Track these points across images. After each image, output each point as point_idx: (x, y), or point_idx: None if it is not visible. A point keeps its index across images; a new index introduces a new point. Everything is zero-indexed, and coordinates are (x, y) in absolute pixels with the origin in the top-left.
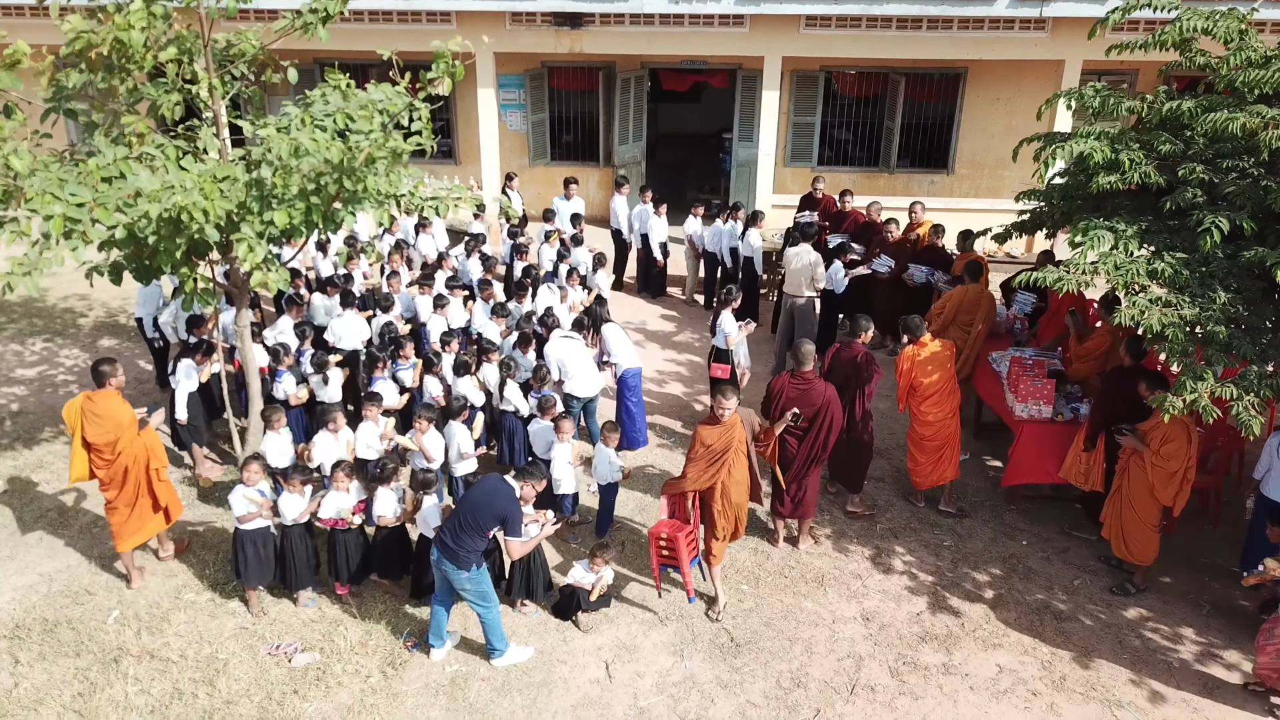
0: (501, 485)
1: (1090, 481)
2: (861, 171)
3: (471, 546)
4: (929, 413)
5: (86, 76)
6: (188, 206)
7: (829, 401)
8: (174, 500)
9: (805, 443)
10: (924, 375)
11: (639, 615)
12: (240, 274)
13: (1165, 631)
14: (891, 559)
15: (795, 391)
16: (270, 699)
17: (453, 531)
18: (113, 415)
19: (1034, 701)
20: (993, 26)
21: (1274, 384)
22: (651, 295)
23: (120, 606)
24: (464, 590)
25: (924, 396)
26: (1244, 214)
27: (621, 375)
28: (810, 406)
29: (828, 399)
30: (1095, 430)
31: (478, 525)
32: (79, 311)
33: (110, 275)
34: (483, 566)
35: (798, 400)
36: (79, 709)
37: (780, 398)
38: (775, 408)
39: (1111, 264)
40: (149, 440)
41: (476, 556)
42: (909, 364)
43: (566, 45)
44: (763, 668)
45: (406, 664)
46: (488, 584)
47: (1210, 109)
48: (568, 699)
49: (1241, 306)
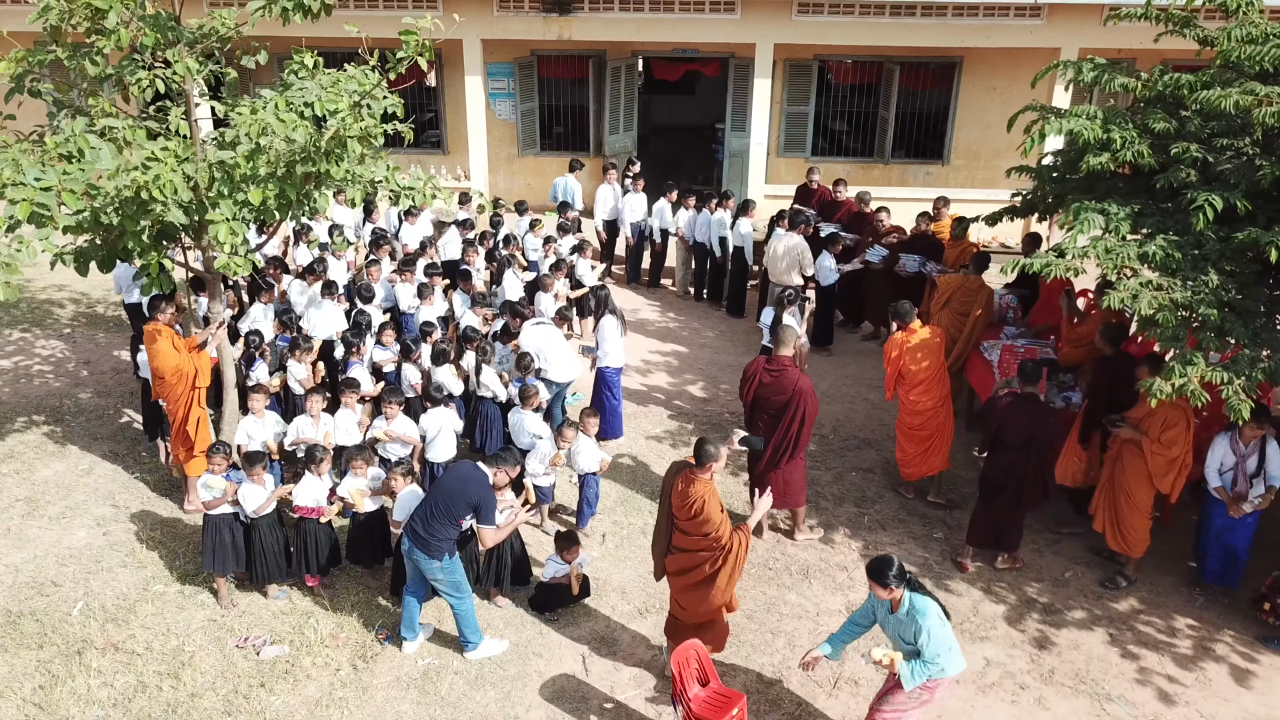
0: (474, 472)
1: (1090, 477)
2: (856, 162)
3: (443, 535)
4: (918, 401)
5: (54, 54)
6: (147, 183)
7: (800, 391)
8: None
9: (776, 433)
10: (913, 363)
11: (618, 608)
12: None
13: (1156, 624)
14: (879, 551)
15: (768, 377)
16: (236, 692)
17: (424, 520)
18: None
19: (1021, 695)
20: (987, 13)
21: (1266, 368)
22: (645, 286)
23: (86, 598)
24: (436, 581)
25: (913, 384)
26: (1237, 193)
27: (602, 370)
28: (781, 395)
29: (799, 388)
30: (1090, 426)
31: (450, 513)
32: (57, 302)
33: (76, 263)
34: (455, 556)
35: (770, 386)
36: (39, 701)
37: (753, 381)
38: (748, 391)
39: (1102, 248)
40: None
41: (449, 545)
42: (897, 351)
43: (555, 32)
44: (744, 661)
45: (378, 657)
46: (460, 574)
47: (1205, 85)
48: (542, 693)
49: (1234, 289)
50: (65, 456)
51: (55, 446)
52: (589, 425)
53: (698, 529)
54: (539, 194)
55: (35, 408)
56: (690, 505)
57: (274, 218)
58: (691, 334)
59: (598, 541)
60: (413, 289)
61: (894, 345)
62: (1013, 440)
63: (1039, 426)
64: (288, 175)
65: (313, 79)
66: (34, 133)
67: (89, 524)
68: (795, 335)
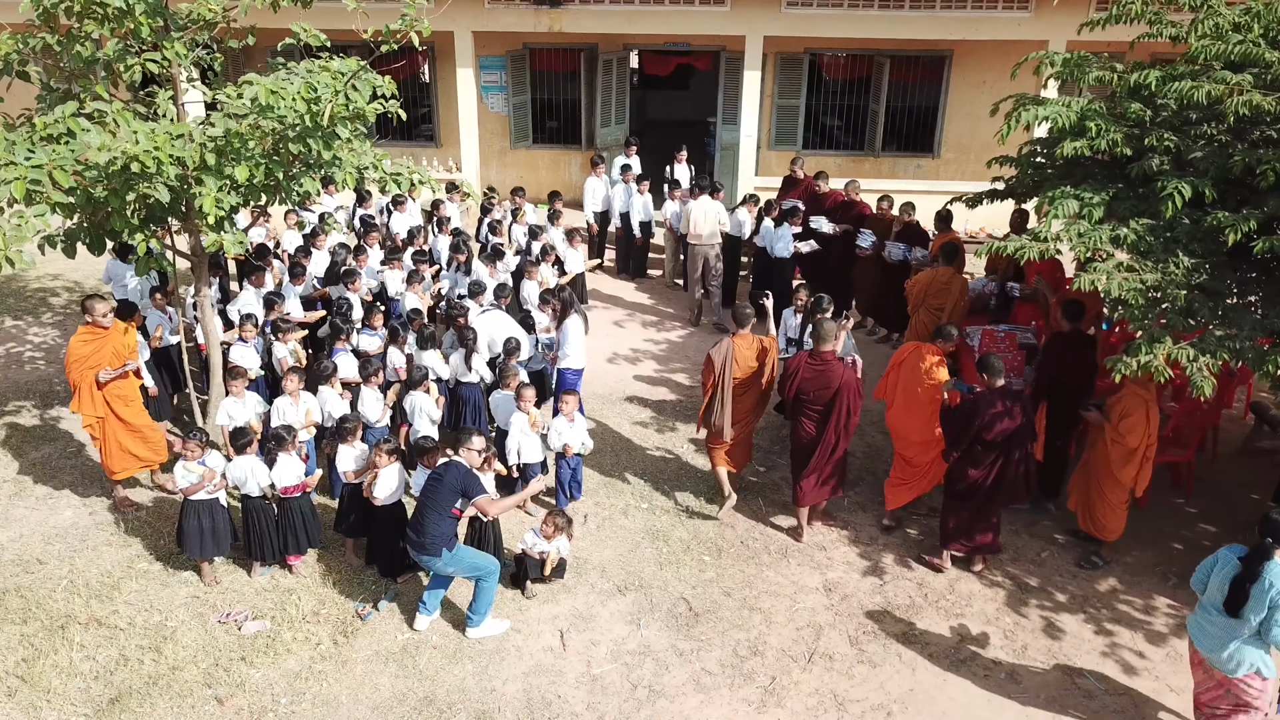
0: (448, 465)
1: (1041, 450)
2: (847, 155)
3: (437, 532)
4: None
5: (44, 39)
6: (138, 154)
7: (846, 384)
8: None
9: (824, 427)
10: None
11: (597, 585)
12: (199, 240)
13: (1131, 603)
14: (858, 531)
15: (810, 372)
16: (217, 665)
17: (416, 524)
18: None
19: (994, 669)
20: (976, 6)
21: (1232, 347)
22: (632, 277)
23: (71, 575)
24: (450, 572)
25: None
26: (1206, 180)
27: (563, 372)
28: (827, 389)
29: (845, 382)
30: (1037, 397)
31: (439, 506)
32: (51, 290)
33: (64, 245)
34: (455, 547)
35: (813, 381)
36: (22, 674)
37: (795, 377)
38: (790, 387)
39: (1076, 232)
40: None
41: (445, 540)
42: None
43: (546, 24)
44: (720, 637)
45: (358, 632)
46: (470, 558)
47: (1175, 78)
48: (519, 667)
49: (1203, 272)
50: (54, 440)
51: (45, 430)
52: (568, 404)
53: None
54: (531, 187)
55: (26, 392)
56: (755, 357)
57: (259, 198)
58: (680, 323)
59: (580, 522)
60: (401, 275)
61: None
62: (991, 439)
63: (1014, 421)
64: (275, 152)
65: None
66: (23, 115)
67: (75, 504)
68: (835, 329)
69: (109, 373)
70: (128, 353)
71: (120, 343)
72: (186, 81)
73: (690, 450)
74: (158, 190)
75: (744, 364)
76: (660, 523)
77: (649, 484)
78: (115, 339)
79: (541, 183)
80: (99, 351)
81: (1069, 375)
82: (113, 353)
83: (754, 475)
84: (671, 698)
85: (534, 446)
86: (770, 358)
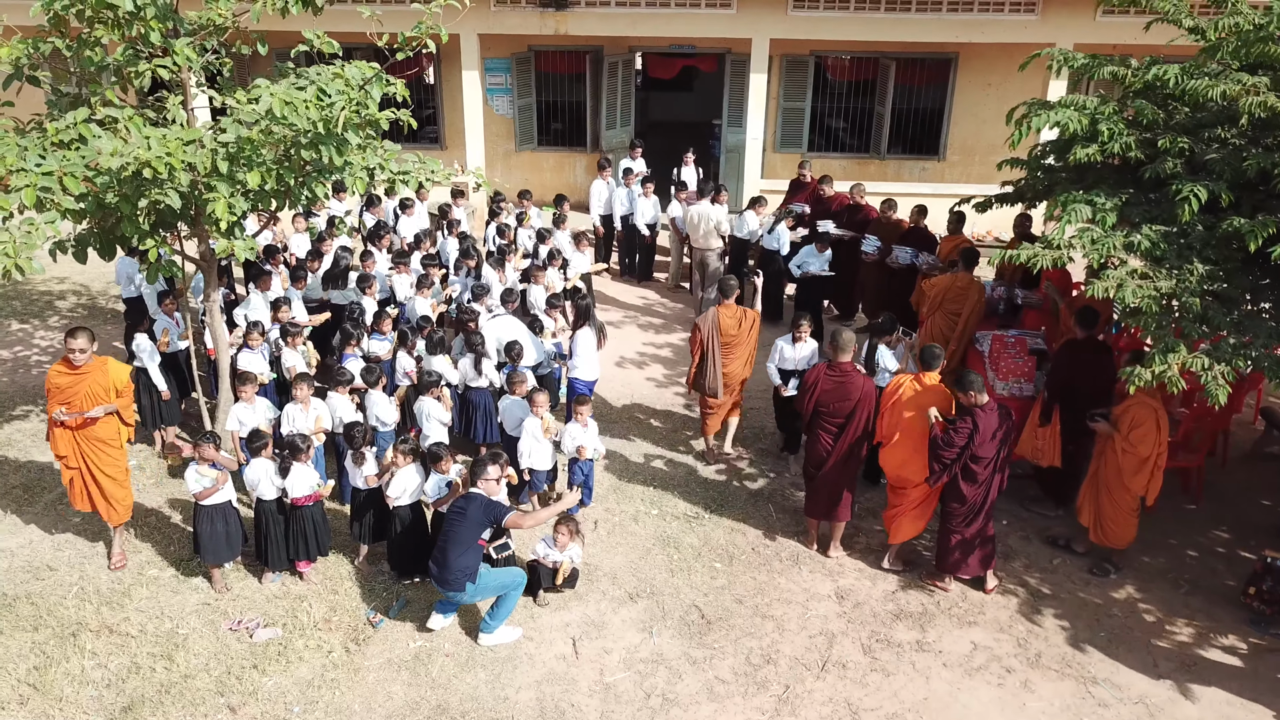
0: (469, 498)
1: (1046, 457)
2: (852, 158)
3: (460, 566)
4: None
5: (54, 43)
6: (149, 160)
7: (867, 395)
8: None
9: (842, 440)
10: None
11: (609, 592)
12: (209, 246)
13: (1143, 610)
14: (869, 538)
15: (830, 384)
16: (229, 673)
17: (439, 560)
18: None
19: (1008, 678)
20: (982, 8)
21: (1248, 354)
22: (637, 279)
23: (82, 582)
24: (480, 599)
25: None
26: (1222, 184)
27: (573, 381)
28: (846, 401)
29: (866, 392)
30: (1049, 404)
31: (464, 540)
32: (58, 294)
33: (75, 251)
34: (477, 578)
35: (833, 393)
36: (34, 682)
37: (814, 390)
38: (809, 400)
39: (1089, 238)
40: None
41: (469, 574)
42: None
43: (552, 27)
44: (732, 644)
45: (370, 639)
46: (494, 578)
47: (1192, 75)
48: (532, 674)
49: (1218, 278)
50: None
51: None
52: (581, 412)
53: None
54: (536, 189)
55: (33, 397)
56: (738, 324)
57: (270, 204)
58: (686, 325)
59: (590, 528)
60: (410, 279)
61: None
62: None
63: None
64: (286, 158)
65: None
66: (33, 120)
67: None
68: (854, 340)
69: (62, 413)
70: (106, 395)
71: (99, 383)
72: (195, 86)
73: (700, 455)
74: (169, 196)
75: (727, 331)
76: (671, 529)
77: (659, 489)
78: (95, 378)
79: (546, 185)
80: (73, 387)
81: (1084, 381)
82: (86, 394)
83: (765, 481)
84: (685, 706)
85: (544, 453)
86: (751, 319)
